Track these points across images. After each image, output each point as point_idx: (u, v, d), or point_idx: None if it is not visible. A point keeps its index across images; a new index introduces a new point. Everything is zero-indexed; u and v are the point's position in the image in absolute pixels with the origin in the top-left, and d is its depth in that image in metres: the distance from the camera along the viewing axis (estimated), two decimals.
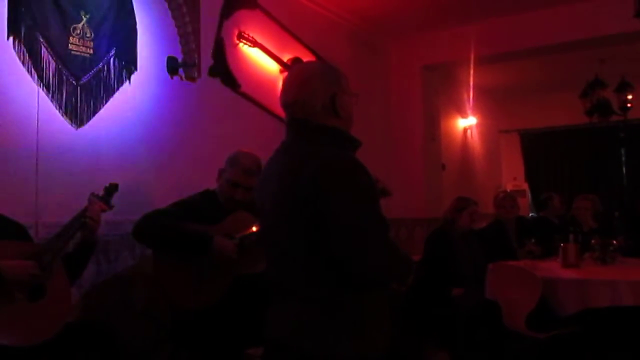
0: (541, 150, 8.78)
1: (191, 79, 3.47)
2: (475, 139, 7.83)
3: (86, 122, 2.86)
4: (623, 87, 6.01)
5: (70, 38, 2.77)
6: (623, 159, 8.19)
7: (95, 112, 2.91)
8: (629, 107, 6.03)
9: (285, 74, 4.14)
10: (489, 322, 3.80)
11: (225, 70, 3.76)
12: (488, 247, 4.48)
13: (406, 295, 4.01)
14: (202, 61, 3.56)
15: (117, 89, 3.02)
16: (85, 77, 2.85)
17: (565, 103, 7.23)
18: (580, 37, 5.05)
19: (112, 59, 2.99)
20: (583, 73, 6.05)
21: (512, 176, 8.84)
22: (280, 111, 1.70)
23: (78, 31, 2.81)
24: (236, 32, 3.89)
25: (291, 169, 1.53)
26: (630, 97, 6.01)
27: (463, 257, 4.30)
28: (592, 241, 3.98)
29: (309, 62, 1.81)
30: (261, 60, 4.10)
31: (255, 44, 3.99)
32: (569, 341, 3.42)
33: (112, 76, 2.99)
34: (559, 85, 7.59)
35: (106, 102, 2.96)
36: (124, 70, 3.05)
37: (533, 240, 3.99)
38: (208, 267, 2.35)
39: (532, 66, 6.86)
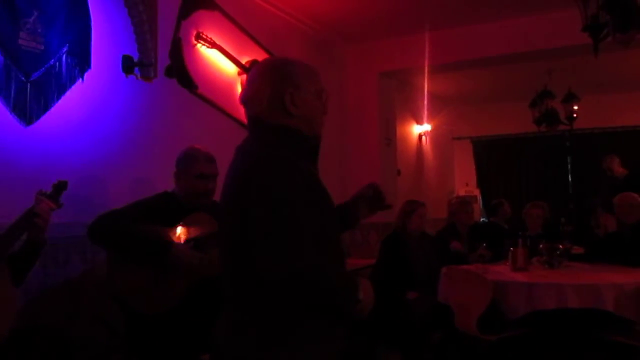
0: (492, 158, 9.04)
1: (147, 78, 3.40)
2: (429, 145, 7.98)
3: (36, 120, 2.76)
4: (569, 98, 6.28)
5: (21, 33, 2.67)
6: (569, 167, 8.55)
7: (46, 110, 2.80)
8: (575, 117, 6.30)
9: (244, 76, 4.14)
10: (442, 324, 3.88)
11: (182, 71, 3.71)
12: (441, 251, 4.58)
13: None
14: (159, 61, 3.50)
15: (70, 86, 2.92)
16: (36, 73, 2.74)
17: (515, 112, 7.48)
18: (530, 49, 5.25)
19: (64, 56, 2.89)
20: (532, 84, 6.28)
21: (465, 182, 9.07)
22: (237, 113, 1.69)
23: (29, 26, 2.71)
24: (194, 33, 3.84)
25: (233, 171, 1.50)
26: (576, 107, 6.28)
27: (417, 261, 4.37)
28: (540, 246, 4.12)
29: (265, 59, 1.72)
30: (219, 61, 4.07)
31: (213, 45, 3.95)
32: (518, 342, 3.53)
33: (64, 73, 2.89)
34: (509, 95, 7.84)
35: (58, 99, 2.87)
36: (77, 68, 2.96)
37: (484, 244, 4.10)
38: (165, 270, 2.30)
39: (485, 76, 7.07)
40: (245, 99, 1.57)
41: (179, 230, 2.37)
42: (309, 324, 1.42)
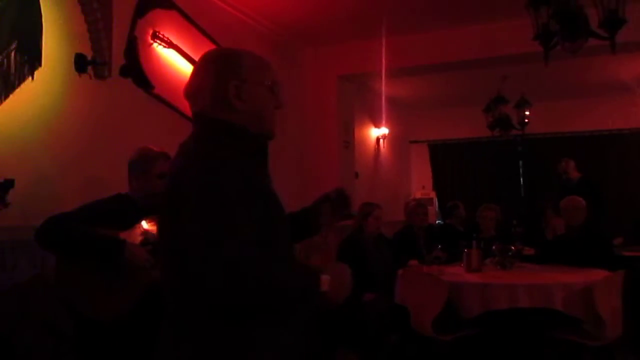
0: (448, 161, 9.22)
1: (101, 77, 3.32)
2: (386, 148, 8.08)
3: None
4: (522, 104, 6.46)
5: None
6: (521, 170, 8.80)
7: None
8: (527, 123, 6.49)
9: None
10: (399, 325, 3.93)
11: (137, 70, 3.63)
12: (398, 253, 4.64)
13: None
14: (114, 60, 3.42)
15: (19, 84, 2.81)
16: None
17: (470, 117, 7.65)
18: (484, 56, 5.40)
19: (13, 53, 2.79)
20: (487, 89, 6.44)
21: (421, 185, 9.21)
22: None
23: None
24: (150, 32, 3.78)
25: (170, 170, 1.40)
26: (527, 113, 6.47)
27: (374, 263, 4.41)
28: (493, 247, 4.22)
29: (211, 49, 1.56)
30: (176, 61, 4.00)
31: (170, 45, 3.89)
32: (472, 342, 3.61)
33: (13, 71, 2.79)
34: (465, 100, 8.02)
35: (5, 97, 2.75)
36: (27, 65, 2.85)
37: (440, 246, 4.17)
38: (118, 275, 2.23)
39: (441, 81, 7.21)
40: (188, 92, 1.44)
41: (135, 233, 2.31)
42: (252, 339, 1.29)
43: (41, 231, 2.21)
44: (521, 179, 8.82)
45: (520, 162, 8.84)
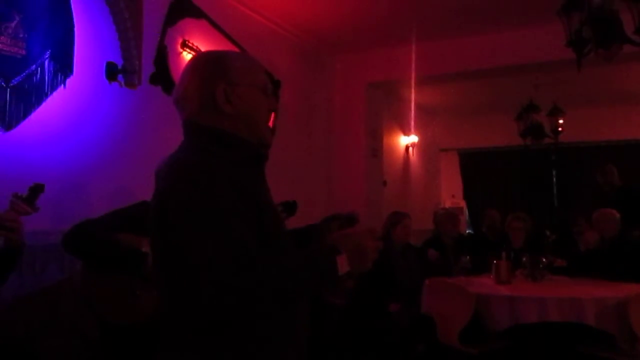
0: (479, 169, 9.08)
1: (131, 85, 3.37)
2: (416, 157, 8.00)
3: (15, 126, 2.73)
4: (555, 112, 6.32)
5: (1, 37, 2.64)
6: (554, 179, 8.60)
7: (26, 116, 2.77)
8: (560, 131, 6.34)
9: None
10: (425, 336, 3.87)
11: (167, 78, 3.68)
12: (425, 263, 4.58)
13: (343, 309, 4.03)
14: (144, 68, 3.48)
15: (51, 92, 2.90)
16: (16, 78, 2.72)
17: (501, 125, 7.52)
18: (517, 63, 5.30)
19: (46, 62, 2.86)
20: (519, 97, 6.32)
21: (451, 194, 9.09)
22: None
23: (10, 31, 2.68)
24: (180, 41, 3.83)
25: (160, 182, 1.31)
26: (561, 121, 6.32)
27: (401, 273, 4.36)
28: (523, 259, 4.13)
29: (198, 53, 1.44)
30: None
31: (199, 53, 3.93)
32: (500, 356, 3.52)
33: (46, 79, 2.87)
34: (496, 108, 7.90)
35: (38, 105, 2.84)
36: (59, 74, 2.93)
37: (468, 257, 4.10)
38: (141, 281, 2.27)
39: (472, 88, 7.11)
40: (176, 98, 1.37)
41: None
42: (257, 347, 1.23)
43: (68, 237, 2.26)
44: (554, 189, 8.62)
45: (554, 172, 8.65)
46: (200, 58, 1.43)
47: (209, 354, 1.21)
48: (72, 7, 3.00)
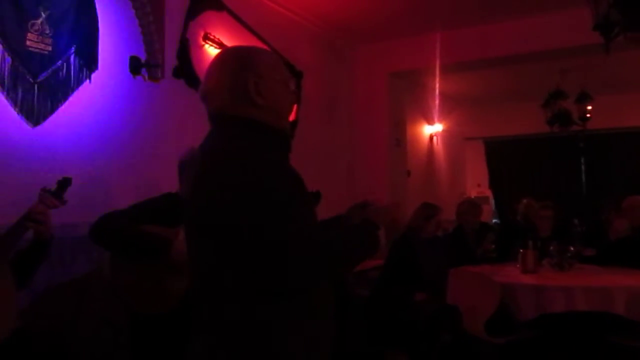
0: (504, 158, 8.95)
1: (154, 79, 3.42)
2: (440, 146, 7.93)
3: (43, 121, 2.79)
4: (583, 98, 6.18)
5: (28, 34, 2.70)
6: (582, 167, 8.44)
7: (53, 111, 2.83)
8: (588, 118, 6.20)
9: None
10: (450, 326, 3.85)
11: (190, 71, 3.72)
12: (449, 253, 4.53)
13: (368, 299, 4.03)
14: (167, 62, 3.51)
15: (77, 87, 2.95)
16: (43, 74, 2.77)
17: (527, 112, 7.40)
18: (542, 49, 5.19)
19: (71, 57, 2.92)
20: (545, 83, 6.21)
21: (476, 183, 9.00)
22: None
23: (37, 27, 2.74)
24: (202, 34, 3.85)
25: (197, 169, 1.38)
26: (589, 108, 6.18)
27: (426, 263, 4.33)
28: (551, 247, 4.07)
29: (224, 49, 1.58)
30: None
31: (221, 45, 3.95)
32: (527, 346, 3.49)
33: (72, 74, 2.92)
34: (521, 95, 7.77)
35: (65, 100, 2.89)
36: (84, 69, 2.99)
37: (493, 246, 4.05)
38: (168, 270, 2.30)
39: (497, 75, 7.00)
40: (205, 91, 1.45)
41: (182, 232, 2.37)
42: (297, 331, 1.31)
43: (94, 228, 2.31)
44: (583, 177, 8.45)
45: (582, 159, 8.48)
46: (230, 53, 1.51)
47: (247, 336, 1.28)
48: (96, 2, 3.04)
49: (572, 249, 4.05)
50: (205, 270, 1.36)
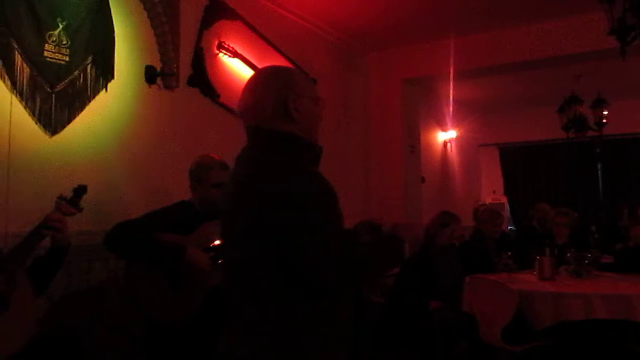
0: (520, 164, 8.89)
1: (169, 88, 3.45)
2: (455, 152, 7.90)
3: (60, 130, 2.82)
4: (598, 104, 6.11)
5: (46, 45, 2.74)
6: (599, 173, 8.34)
7: (70, 120, 2.86)
8: (605, 123, 6.12)
9: None
10: (466, 334, 3.81)
11: (204, 80, 3.74)
12: (467, 260, 4.49)
13: (384, 307, 4.01)
14: (181, 71, 3.54)
15: (93, 97, 2.98)
16: (60, 84, 2.81)
17: (542, 118, 7.34)
18: (557, 54, 5.14)
19: (88, 67, 2.95)
20: (560, 89, 6.15)
21: (491, 189, 8.93)
22: None
23: (54, 38, 2.78)
24: (216, 43, 3.88)
25: (239, 179, 1.52)
26: (605, 113, 6.10)
27: (442, 270, 4.30)
28: (568, 254, 4.02)
29: (262, 68, 1.71)
30: (241, 70, 4.09)
31: (235, 54, 3.98)
32: (544, 354, 3.44)
33: (88, 84, 2.95)
34: (536, 101, 7.71)
35: (81, 110, 2.92)
36: (101, 79, 3.02)
37: (509, 253, 4.01)
38: (183, 278, 2.31)
39: (511, 81, 6.96)
40: (246, 107, 1.57)
41: (196, 238, 2.38)
42: (324, 331, 1.45)
43: (109, 237, 2.32)
44: (600, 183, 8.35)
45: (599, 165, 8.38)
46: (270, 72, 1.65)
47: (278, 337, 1.41)
48: (112, 13, 3.08)
49: (589, 255, 4.00)
50: (248, 273, 1.46)
